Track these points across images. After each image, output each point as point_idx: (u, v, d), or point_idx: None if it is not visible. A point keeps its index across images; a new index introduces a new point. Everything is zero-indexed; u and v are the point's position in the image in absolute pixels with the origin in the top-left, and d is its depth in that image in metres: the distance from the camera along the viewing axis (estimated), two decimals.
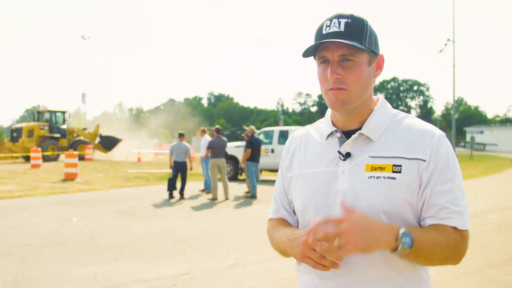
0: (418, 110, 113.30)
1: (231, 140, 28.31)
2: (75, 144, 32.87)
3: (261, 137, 19.36)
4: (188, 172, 14.64)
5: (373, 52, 1.61)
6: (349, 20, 1.57)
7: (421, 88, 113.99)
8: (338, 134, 1.68)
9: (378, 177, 1.56)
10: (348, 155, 1.63)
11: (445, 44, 46.02)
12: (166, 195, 14.17)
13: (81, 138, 34.28)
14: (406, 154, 1.56)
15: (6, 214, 10.62)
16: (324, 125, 1.76)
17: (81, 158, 30.61)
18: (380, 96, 1.74)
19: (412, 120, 1.66)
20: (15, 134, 32.17)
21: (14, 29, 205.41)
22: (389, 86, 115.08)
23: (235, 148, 19.29)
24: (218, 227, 9.43)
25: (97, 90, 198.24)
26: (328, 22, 1.59)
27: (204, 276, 6.14)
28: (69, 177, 18.43)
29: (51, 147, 31.89)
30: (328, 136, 1.71)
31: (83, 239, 8.21)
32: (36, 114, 34.81)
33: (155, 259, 6.94)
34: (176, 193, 14.36)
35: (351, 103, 1.60)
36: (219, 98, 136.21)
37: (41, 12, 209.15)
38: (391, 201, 1.54)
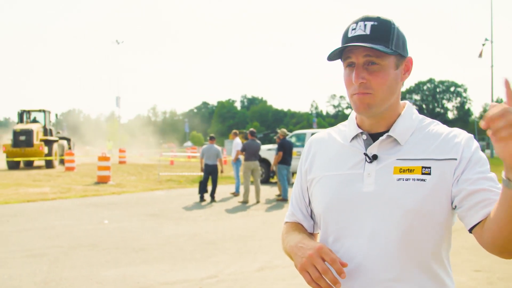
0: (455, 112, 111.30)
1: (264, 143, 28.32)
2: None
3: (293, 140, 19.27)
4: (219, 175, 14.65)
5: (400, 55, 1.56)
6: (375, 23, 1.53)
7: (458, 89, 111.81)
8: (364, 137, 1.63)
9: (407, 179, 1.51)
10: (375, 157, 1.58)
11: (483, 44, 45.14)
12: (197, 198, 14.21)
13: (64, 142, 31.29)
14: (435, 155, 1.51)
15: (40, 216, 10.81)
16: (347, 128, 1.71)
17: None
18: (407, 101, 1.69)
19: (439, 125, 1.62)
20: (22, 137, 27.47)
21: (48, 34, 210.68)
22: (425, 87, 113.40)
23: (267, 151, 19.24)
24: (247, 230, 9.39)
25: (131, 94, 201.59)
26: (354, 25, 1.55)
27: (231, 279, 6.10)
28: (102, 180, 18.68)
29: (55, 152, 28.92)
30: (353, 138, 1.66)
31: (113, 241, 8.27)
32: (20, 114, 30.25)
33: (183, 262, 6.93)
34: (207, 196, 14.38)
35: (376, 107, 1.55)
36: (253, 101, 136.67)
37: (75, 17, 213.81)
38: (421, 203, 1.49)
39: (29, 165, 28.92)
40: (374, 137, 1.61)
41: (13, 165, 27.46)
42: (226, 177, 20.19)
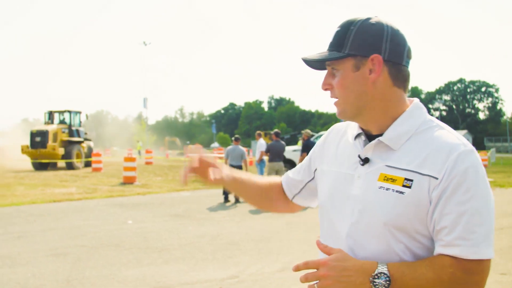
0: (487, 112, 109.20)
1: (291, 144, 28.25)
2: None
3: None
4: None
5: (362, 56, 1.49)
6: (339, 29, 1.54)
7: (490, 89, 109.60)
8: (363, 137, 1.60)
9: (387, 189, 1.46)
10: (366, 160, 1.54)
11: None
12: (221, 198, 14.21)
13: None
14: (420, 168, 1.43)
15: (65, 216, 10.95)
16: (355, 124, 1.68)
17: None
18: (415, 100, 1.59)
19: (440, 131, 1.49)
20: (38, 138, 27.63)
21: (77, 36, 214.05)
22: (455, 87, 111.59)
23: (292, 152, 19.19)
24: (270, 231, 9.33)
25: (158, 95, 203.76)
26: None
27: (251, 280, 6.06)
28: (128, 181, 18.84)
29: (77, 153, 28.87)
30: (356, 137, 1.63)
31: (136, 241, 8.31)
32: (49, 115, 30.78)
33: (205, 262, 6.91)
34: (231, 197, 14.37)
35: (345, 113, 1.56)
36: (280, 102, 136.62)
37: (104, 20, 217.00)
38: (394, 215, 1.44)
39: (53, 166, 29.03)
40: (373, 138, 1.57)
41: (37, 167, 27.58)
42: None
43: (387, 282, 1.37)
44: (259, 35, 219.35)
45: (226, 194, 13.92)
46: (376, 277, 1.37)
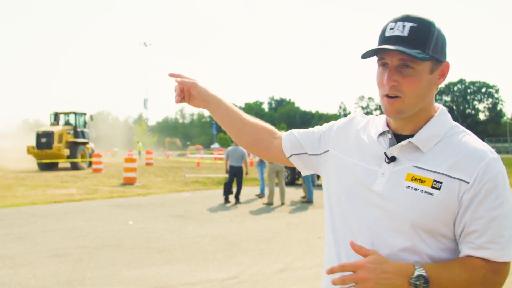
0: (487, 113, 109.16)
1: None
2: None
3: None
4: (244, 176, 14.63)
5: (437, 59, 1.49)
6: (415, 25, 1.47)
7: (490, 90, 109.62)
8: (389, 136, 1.61)
9: (415, 189, 1.48)
10: (393, 159, 1.56)
11: None
12: (222, 199, 14.23)
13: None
14: (450, 171, 1.46)
15: (66, 217, 10.96)
16: (380, 122, 1.69)
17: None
18: (441, 106, 1.63)
19: (468, 137, 1.54)
20: (43, 139, 28.34)
21: (78, 37, 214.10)
22: (455, 88, 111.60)
23: None
24: (271, 232, 9.34)
25: (159, 96, 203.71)
26: (393, 24, 1.50)
27: (252, 280, 6.07)
28: (128, 181, 18.84)
29: (82, 154, 29.53)
30: (380, 134, 1.64)
31: (137, 242, 8.32)
32: (53, 116, 31.44)
33: (205, 263, 6.93)
34: (232, 198, 14.38)
35: (405, 112, 1.52)
36: (280, 103, 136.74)
37: (103, 20, 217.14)
38: (422, 216, 1.47)
39: (56, 166, 29.50)
40: (399, 137, 1.59)
41: (43, 167, 28.06)
42: (251, 178, 20.17)
43: (426, 284, 1.39)
44: (259, 35, 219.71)
45: (226, 195, 13.93)
46: (415, 279, 1.40)
